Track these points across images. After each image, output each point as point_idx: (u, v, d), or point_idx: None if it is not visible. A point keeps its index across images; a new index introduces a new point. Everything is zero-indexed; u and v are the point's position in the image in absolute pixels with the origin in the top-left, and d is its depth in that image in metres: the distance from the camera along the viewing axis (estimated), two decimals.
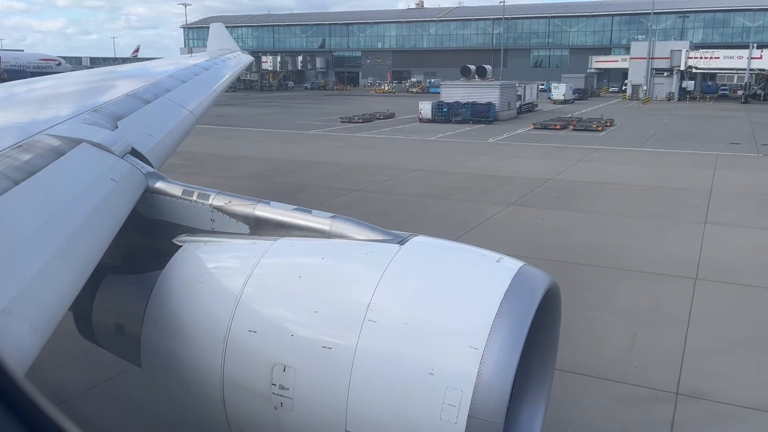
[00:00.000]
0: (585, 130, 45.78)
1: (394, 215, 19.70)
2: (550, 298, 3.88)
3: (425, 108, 52.47)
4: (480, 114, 50.91)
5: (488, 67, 57.86)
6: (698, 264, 14.83)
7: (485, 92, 53.21)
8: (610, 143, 38.57)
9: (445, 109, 51.88)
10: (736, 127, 47.91)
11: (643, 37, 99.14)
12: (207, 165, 28.89)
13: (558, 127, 46.44)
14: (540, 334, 3.97)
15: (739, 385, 9.24)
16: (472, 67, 57.79)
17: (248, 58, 19.52)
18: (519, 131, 45.66)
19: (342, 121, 52.35)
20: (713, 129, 47.21)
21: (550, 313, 4.05)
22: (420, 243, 4.17)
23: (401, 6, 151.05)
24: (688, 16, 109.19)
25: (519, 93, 59.39)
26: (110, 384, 8.43)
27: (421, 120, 52.12)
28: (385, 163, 30.77)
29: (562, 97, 75.83)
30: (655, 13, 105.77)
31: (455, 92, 54.71)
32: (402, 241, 4.09)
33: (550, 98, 77.49)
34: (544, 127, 46.92)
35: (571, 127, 46.49)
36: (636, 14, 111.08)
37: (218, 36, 21.03)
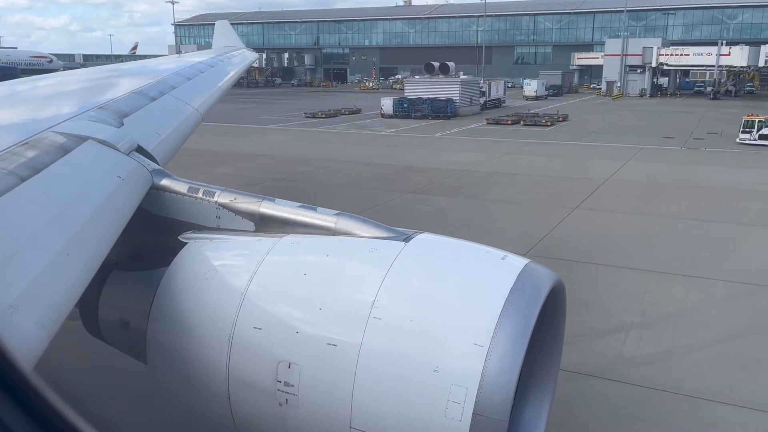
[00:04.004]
0: (535, 125, 47.38)
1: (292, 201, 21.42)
2: (555, 296, 3.92)
3: (387, 104, 54.17)
4: (439, 110, 52.53)
5: (451, 64, 59.39)
6: (539, 242, 16.55)
7: (446, 89, 54.79)
8: (550, 138, 40.19)
9: (405, 105, 53.57)
10: (685, 122, 49.41)
11: (627, 34, 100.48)
12: None
13: (509, 122, 48.07)
14: (545, 332, 3.99)
15: None
16: (436, 64, 59.35)
17: (253, 56, 20.00)
18: (472, 126, 47.27)
19: (306, 117, 54.10)
20: (661, 124, 48.73)
21: (555, 310, 4.07)
22: (425, 240, 4.22)
23: (397, 4, 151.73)
24: (674, 13, 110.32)
25: (483, 89, 61.00)
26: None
27: (383, 115, 53.81)
28: (322, 155, 32.48)
29: (534, 94, 77.30)
30: (636, 11, 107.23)
31: (418, 88, 56.32)
32: (407, 239, 4.14)
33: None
34: (497, 123, 48.53)
35: (522, 122, 48.10)
36: (617, 11, 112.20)
37: (223, 33, 21.60)
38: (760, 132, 35.00)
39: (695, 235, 17.43)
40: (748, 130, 35.69)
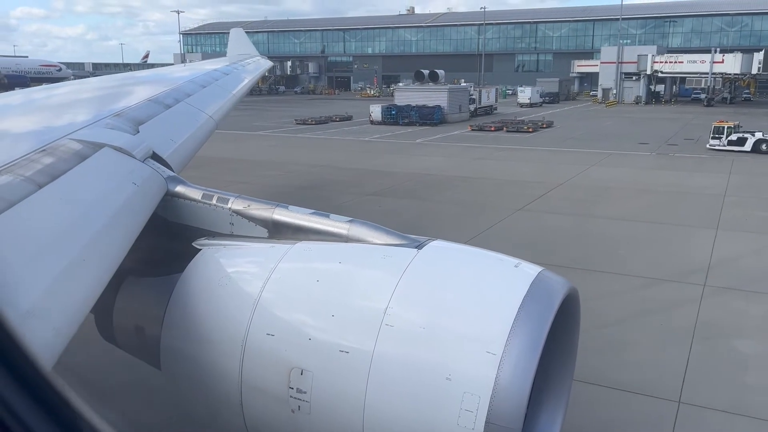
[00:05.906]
0: (517, 131, 48.23)
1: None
2: (568, 304, 3.93)
3: (375, 111, 55.30)
4: (426, 116, 53.56)
5: (441, 71, 60.46)
6: (472, 239, 17.42)
7: (435, 96, 55.86)
8: (527, 144, 41.01)
9: (393, 112, 54.64)
10: (667, 129, 50.00)
11: (628, 41, 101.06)
12: None
13: (493, 128, 48.92)
14: (558, 340, 4.00)
15: None
16: (425, 72, 60.41)
17: (267, 63, 20.47)
18: (455, 133, 48.18)
19: (296, 123, 55.33)
20: (643, 130, 49.32)
21: (569, 318, 4.08)
22: (437, 248, 4.24)
23: (400, 13, 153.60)
24: (676, 21, 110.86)
25: (473, 96, 61.92)
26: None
27: (372, 122, 54.90)
28: (296, 160, 33.58)
29: (528, 101, 78.14)
30: (636, 19, 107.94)
31: (407, 96, 57.43)
32: (419, 246, 4.16)
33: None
34: (480, 129, 49.37)
35: (505, 129, 48.94)
36: (616, 19, 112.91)
37: (238, 41, 21.95)
38: (729, 138, 35.63)
39: (621, 234, 18.26)
40: (717, 136, 36.30)
